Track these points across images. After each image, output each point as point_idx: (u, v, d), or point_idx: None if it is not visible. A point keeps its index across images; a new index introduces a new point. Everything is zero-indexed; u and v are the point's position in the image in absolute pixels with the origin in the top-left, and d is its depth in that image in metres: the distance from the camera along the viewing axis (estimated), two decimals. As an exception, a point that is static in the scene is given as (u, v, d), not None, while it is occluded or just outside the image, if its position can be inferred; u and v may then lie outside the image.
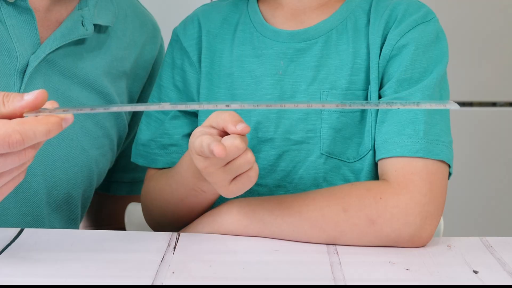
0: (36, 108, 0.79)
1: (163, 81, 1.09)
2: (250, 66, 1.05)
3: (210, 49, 1.07)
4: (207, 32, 1.08)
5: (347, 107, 0.80)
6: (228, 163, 0.86)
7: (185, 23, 1.10)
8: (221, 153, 0.81)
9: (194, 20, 1.09)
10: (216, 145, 0.82)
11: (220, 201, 0.99)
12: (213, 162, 0.86)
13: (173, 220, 1.01)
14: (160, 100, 1.08)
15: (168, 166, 1.06)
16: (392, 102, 0.80)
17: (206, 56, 1.07)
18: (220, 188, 0.89)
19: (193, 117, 1.07)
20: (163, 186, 1.01)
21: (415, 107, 0.78)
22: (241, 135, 0.85)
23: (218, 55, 1.07)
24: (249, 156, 0.85)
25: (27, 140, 0.77)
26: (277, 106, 0.81)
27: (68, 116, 0.79)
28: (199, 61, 1.07)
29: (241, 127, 0.85)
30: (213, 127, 0.87)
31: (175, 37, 1.10)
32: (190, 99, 1.07)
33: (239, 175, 0.87)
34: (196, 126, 0.94)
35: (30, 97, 0.79)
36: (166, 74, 1.09)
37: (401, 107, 0.80)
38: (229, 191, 0.88)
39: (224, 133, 0.87)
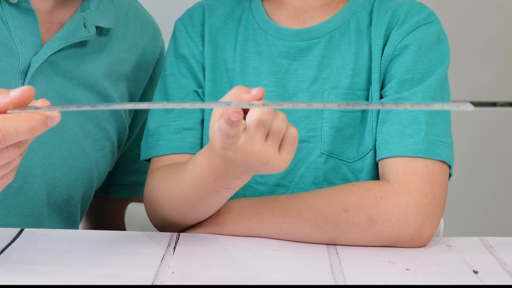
0: (22, 105, 0.76)
1: (167, 71, 1.08)
2: (253, 63, 1.05)
3: (212, 42, 1.07)
4: (210, 26, 1.08)
5: (351, 107, 0.77)
6: (267, 134, 0.81)
7: (190, 14, 1.10)
8: (236, 114, 0.77)
9: (200, 11, 1.09)
10: (227, 113, 0.78)
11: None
12: (256, 140, 0.80)
13: (186, 220, 0.98)
14: (166, 90, 1.07)
15: (179, 152, 1.03)
16: (401, 103, 0.78)
17: (209, 49, 1.07)
18: (274, 164, 0.82)
19: None
20: (172, 190, 0.96)
21: (425, 107, 0.76)
22: (259, 99, 0.80)
23: (221, 49, 1.07)
24: (281, 114, 0.82)
25: (8, 138, 0.74)
26: (289, 105, 0.78)
27: (54, 114, 0.76)
28: (203, 51, 1.07)
29: (256, 90, 0.80)
30: None
31: (180, 28, 1.09)
32: (198, 85, 1.06)
33: (282, 139, 0.82)
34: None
35: (15, 93, 0.76)
36: (170, 64, 1.07)
37: (410, 107, 0.77)
38: (283, 161, 0.82)
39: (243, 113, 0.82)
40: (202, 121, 1.05)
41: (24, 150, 0.78)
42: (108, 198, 1.27)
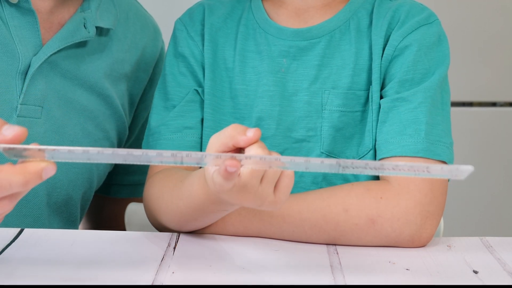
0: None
1: (167, 71, 1.08)
2: (253, 62, 1.05)
3: (212, 41, 1.07)
4: (210, 25, 1.08)
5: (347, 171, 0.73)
6: (262, 177, 0.78)
7: (190, 13, 1.10)
8: (234, 164, 0.74)
9: (200, 11, 1.09)
10: (224, 164, 0.75)
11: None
12: (250, 187, 0.78)
13: (184, 229, 0.97)
14: (166, 89, 1.07)
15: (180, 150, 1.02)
16: (398, 166, 0.72)
17: (209, 48, 1.07)
18: (269, 206, 0.80)
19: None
20: (169, 204, 0.95)
21: (426, 173, 0.72)
22: (255, 141, 0.77)
23: (221, 48, 1.07)
24: (276, 156, 0.78)
25: (2, 191, 0.71)
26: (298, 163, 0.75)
27: (50, 166, 0.72)
28: (203, 51, 1.07)
29: (252, 132, 0.77)
30: (223, 152, 0.79)
31: (180, 27, 1.09)
32: (198, 85, 1.06)
33: (278, 180, 0.79)
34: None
35: (8, 133, 0.72)
36: (170, 63, 1.08)
37: (407, 171, 0.72)
38: (278, 202, 0.80)
39: (238, 151, 0.80)
40: (202, 120, 1.05)
41: (16, 201, 0.75)
42: (108, 198, 1.27)
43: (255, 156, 0.76)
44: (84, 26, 1.09)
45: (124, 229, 1.18)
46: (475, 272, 0.84)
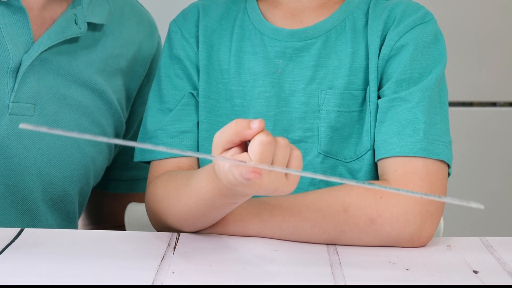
0: None
1: (162, 73, 1.08)
2: (249, 63, 1.05)
3: (207, 43, 1.07)
4: (205, 26, 1.08)
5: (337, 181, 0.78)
6: (272, 162, 0.80)
7: (184, 15, 1.10)
8: (256, 175, 0.77)
9: (194, 12, 1.09)
10: (245, 170, 0.77)
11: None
12: (265, 172, 0.80)
13: (189, 229, 0.97)
14: (161, 92, 1.07)
15: (178, 156, 1.03)
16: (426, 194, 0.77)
17: (203, 50, 1.06)
18: (283, 189, 0.82)
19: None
20: (176, 203, 0.96)
21: (437, 199, 0.75)
22: (260, 131, 0.80)
23: (216, 49, 1.07)
24: (282, 141, 0.81)
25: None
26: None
27: None
28: (198, 52, 1.07)
29: (256, 123, 0.80)
30: (229, 148, 0.82)
31: (174, 29, 1.09)
32: (193, 87, 1.06)
33: (288, 163, 0.81)
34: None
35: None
36: (165, 66, 1.07)
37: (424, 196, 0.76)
38: (291, 185, 0.82)
39: (244, 143, 0.82)
40: (198, 123, 1.05)
41: None
42: (107, 193, 1.27)
43: (277, 168, 0.78)
44: (75, 22, 1.09)
45: (123, 225, 1.18)
46: (475, 272, 0.84)
